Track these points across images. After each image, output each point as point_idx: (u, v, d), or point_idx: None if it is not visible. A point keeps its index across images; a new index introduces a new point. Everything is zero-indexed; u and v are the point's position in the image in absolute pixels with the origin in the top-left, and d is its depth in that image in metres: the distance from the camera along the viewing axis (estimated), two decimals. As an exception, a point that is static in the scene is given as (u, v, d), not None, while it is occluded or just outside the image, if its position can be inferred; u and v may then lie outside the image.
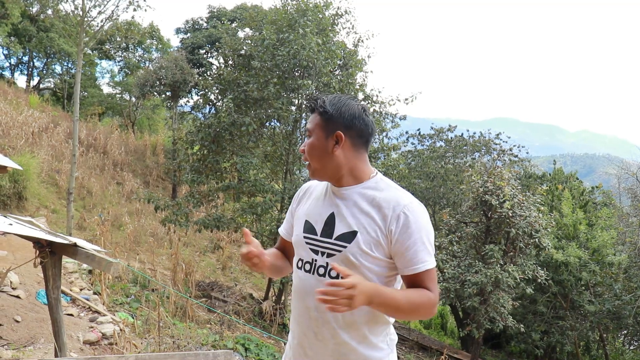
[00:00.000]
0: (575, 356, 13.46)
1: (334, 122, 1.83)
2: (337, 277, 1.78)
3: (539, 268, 9.95)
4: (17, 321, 5.42)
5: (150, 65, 22.74)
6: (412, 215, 1.78)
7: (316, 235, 1.87)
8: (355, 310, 1.69)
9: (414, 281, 1.81)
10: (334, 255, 1.81)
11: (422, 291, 1.79)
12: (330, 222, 1.86)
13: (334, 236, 1.83)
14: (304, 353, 1.93)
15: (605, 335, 13.33)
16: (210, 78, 15.41)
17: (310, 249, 1.88)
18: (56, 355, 3.98)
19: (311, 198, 2.00)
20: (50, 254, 3.91)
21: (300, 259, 1.91)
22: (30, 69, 25.81)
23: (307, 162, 1.90)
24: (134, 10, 11.02)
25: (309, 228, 1.90)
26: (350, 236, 1.80)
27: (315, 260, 1.85)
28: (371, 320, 1.83)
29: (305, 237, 1.90)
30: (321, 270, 1.84)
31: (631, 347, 14.95)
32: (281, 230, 2.14)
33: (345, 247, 1.79)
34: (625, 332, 14.03)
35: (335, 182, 1.89)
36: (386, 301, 1.71)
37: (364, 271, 1.78)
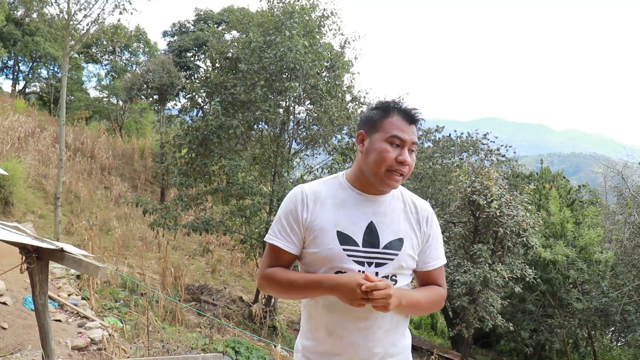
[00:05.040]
0: (564, 354, 13.57)
1: None
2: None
3: (527, 267, 10.01)
4: (4, 328, 5.37)
5: (137, 69, 22.63)
6: (434, 216, 2.03)
7: (357, 246, 1.86)
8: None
9: (428, 276, 2.02)
10: (385, 264, 1.87)
11: (435, 289, 2.01)
12: (371, 232, 1.88)
13: (382, 245, 1.88)
14: None
15: (593, 332, 13.45)
16: (197, 81, 15.34)
17: (355, 261, 1.85)
18: (44, 362, 3.95)
19: (327, 206, 1.92)
20: (36, 259, 3.88)
21: (338, 272, 1.85)
22: (15, 73, 25.57)
23: (401, 175, 1.86)
24: (120, 13, 10.99)
25: (345, 239, 1.86)
26: (398, 244, 1.90)
27: (362, 272, 1.83)
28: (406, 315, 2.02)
29: (345, 250, 1.85)
30: None
31: (619, 344, 15.11)
32: (284, 245, 1.93)
33: (396, 254, 1.89)
34: (612, 329, 14.16)
35: (379, 191, 1.93)
36: (411, 302, 1.88)
37: (406, 273, 1.96)
